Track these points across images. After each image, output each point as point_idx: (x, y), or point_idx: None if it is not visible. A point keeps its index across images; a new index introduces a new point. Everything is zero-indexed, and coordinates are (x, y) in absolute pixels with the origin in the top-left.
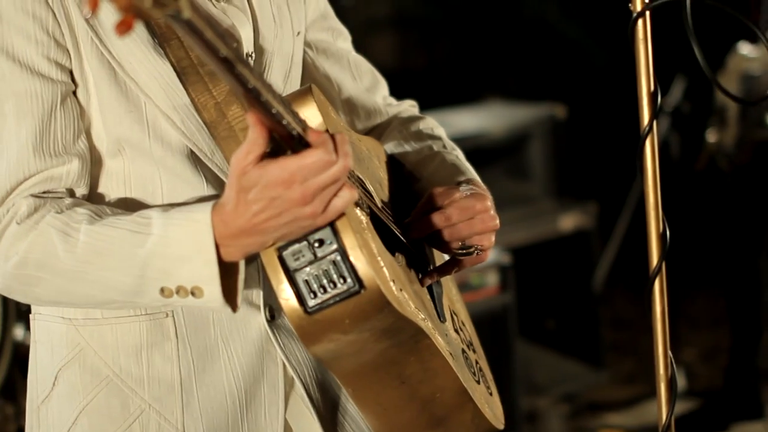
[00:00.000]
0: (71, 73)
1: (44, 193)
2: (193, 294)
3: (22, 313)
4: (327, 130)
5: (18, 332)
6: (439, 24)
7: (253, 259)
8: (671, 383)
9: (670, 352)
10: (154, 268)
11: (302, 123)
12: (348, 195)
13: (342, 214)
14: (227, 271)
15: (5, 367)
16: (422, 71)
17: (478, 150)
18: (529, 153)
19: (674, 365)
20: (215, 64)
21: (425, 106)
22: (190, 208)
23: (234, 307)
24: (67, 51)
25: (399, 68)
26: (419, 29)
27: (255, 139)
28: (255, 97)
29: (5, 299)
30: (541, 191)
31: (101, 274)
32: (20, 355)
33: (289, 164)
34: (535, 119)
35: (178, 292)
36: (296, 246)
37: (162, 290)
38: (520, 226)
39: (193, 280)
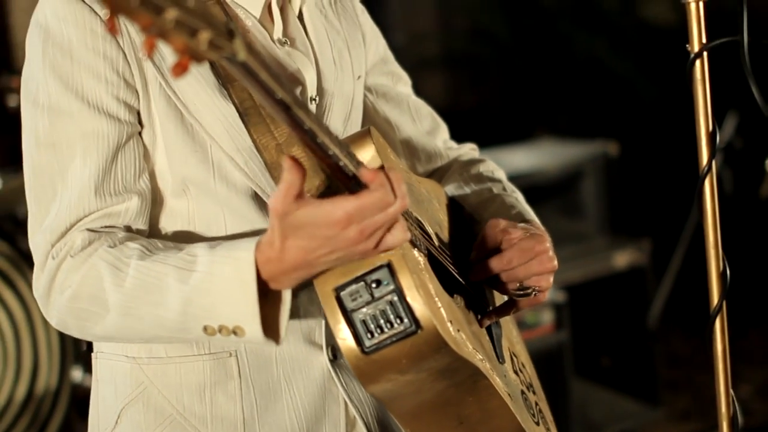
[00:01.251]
0: (138, 114)
1: (102, 228)
2: (234, 333)
3: (79, 354)
4: (382, 167)
5: (76, 374)
6: (490, 62)
7: (310, 297)
8: (733, 421)
9: (732, 391)
10: (197, 306)
11: (358, 163)
12: (401, 235)
13: (399, 255)
14: (273, 305)
15: (64, 409)
16: (473, 110)
17: (532, 188)
18: (582, 190)
19: (736, 403)
20: (271, 105)
21: (476, 145)
22: (236, 244)
23: (277, 340)
24: (136, 91)
25: (450, 107)
26: (469, 68)
27: (290, 180)
28: (311, 138)
29: (63, 341)
30: (594, 228)
31: (148, 310)
32: (78, 397)
33: (347, 205)
34: (587, 157)
35: (220, 331)
36: (354, 287)
37: (205, 329)
38: (575, 264)
39: (234, 319)
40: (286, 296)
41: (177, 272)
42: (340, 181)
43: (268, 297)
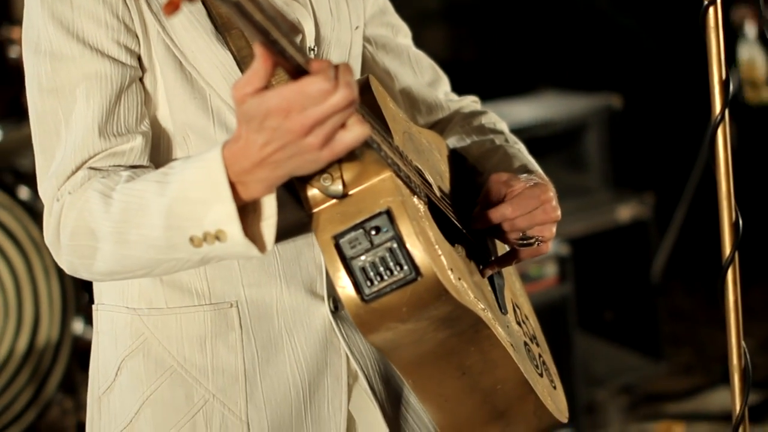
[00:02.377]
0: (139, 59)
1: (107, 167)
2: (218, 238)
3: (80, 307)
4: (335, 66)
5: (77, 326)
6: (491, 15)
7: (308, 238)
8: (745, 373)
9: (743, 343)
10: (177, 216)
11: (306, 55)
12: (359, 129)
13: (398, 202)
14: (258, 215)
15: (65, 361)
16: (474, 63)
17: (535, 141)
18: (585, 144)
19: (747, 355)
20: (267, 48)
21: (478, 98)
22: (207, 149)
23: (263, 248)
24: (136, 36)
25: (451, 60)
26: (471, 21)
27: (257, 69)
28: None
29: (64, 294)
30: (597, 182)
31: (136, 231)
32: (79, 349)
33: (285, 92)
34: (591, 110)
35: (205, 239)
36: (353, 234)
37: (191, 240)
38: (577, 217)
39: (215, 222)
40: (268, 209)
41: (155, 186)
42: (289, 74)
43: (254, 212)
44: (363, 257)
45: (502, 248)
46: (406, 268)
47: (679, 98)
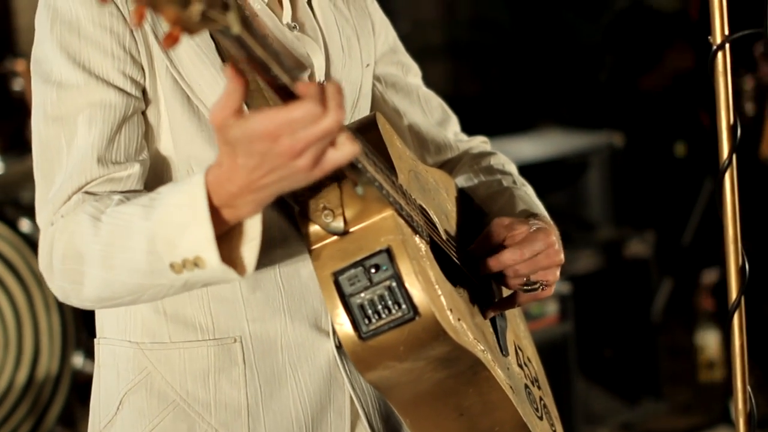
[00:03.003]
0: (144, 91)
1: (103, 192)
2: (196, 265)
3: (80, 340)
4: (322, 86)
5: (77, 360)
6: (493, 51)
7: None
8: (750, 418)
9: (749, 387)
10: (159, 241)
11: (292, 74)
12: (349, 148)
13: (399, 240)
14: (238, 237)
15: (64, 395)
16: (476, 99)
17: (536, 177)
18: (586, 181)
19: (752, 400)
20: (266, 83)
21: (479, 134)
22: (192, 174)
23: (242, 272)
24: (142, 68)
25: (453, 96)
26: (473, 57)
27: (231, 90)
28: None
29: (64, 327)
30: (599, 220)
31: (121, 256)
32: (78, 383)
33: (273, 116)
34: (593, 147)
35: (185, 266)
36: (352, 271)
37: (172, 266)
38: (578, 255)
39: (193, 248)
40: (252, 231)
41: (142, 210)
42: (275, 92)
43: (240, 235)
44: (362, 295)
45: (505, 290)
46: (404, 307)
47: (680, 136)
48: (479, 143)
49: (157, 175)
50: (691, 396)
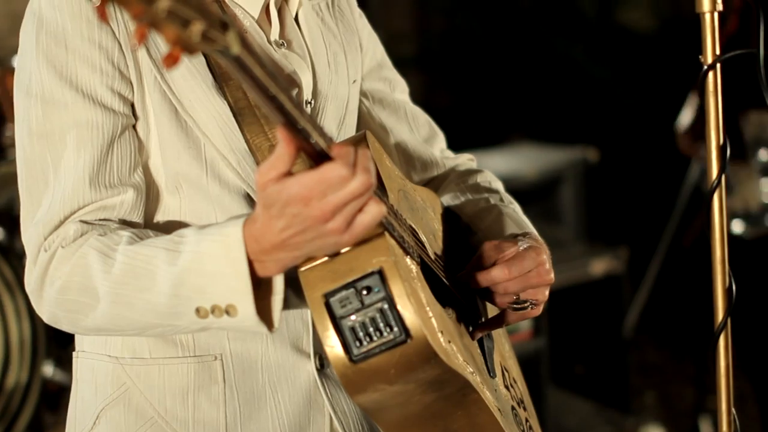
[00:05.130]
0: (133, 106)
1: (97, 221)
2: (227, 313)
3: (51, 349)
4: (354, 150)
5: (47, 369)
6: (465, 64)
7: (301, 298)
8: None
9: (733, 409)
10: (187, 286)
11: (329, 141)
12: (375, 210)
13: (391, 262)
14: (264, 291)
15: (33, 403)
16: (447, 111)
17: (509, 192)
18: (560, 197)
19: (737, 422)
20: (264, 102)
21: (450, 147)
22: (224, 223)
23: (270, 327)
24: (131, 83)
25: (424, 108)
26: (445, 69)
27: (281, 154)
28: (304, 138)
29: (34, 336)
30: (572, 235)
31: (138, 295)
32: (48, 392)
33: (305, 179)
34: (567, 162)
35: (213, 311)
36: (344, 293)
37: (197, 310)
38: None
39: (226, 297)
40: (278, 285)
41: (165, 254)
42: (311, 158)
43: (260, 286)
44: (353, 317)
45: (492, 310)
46: (396, 329)
47: (654, 152)
48: (466, 161)
49: (146, 191)
50: (660, 412)
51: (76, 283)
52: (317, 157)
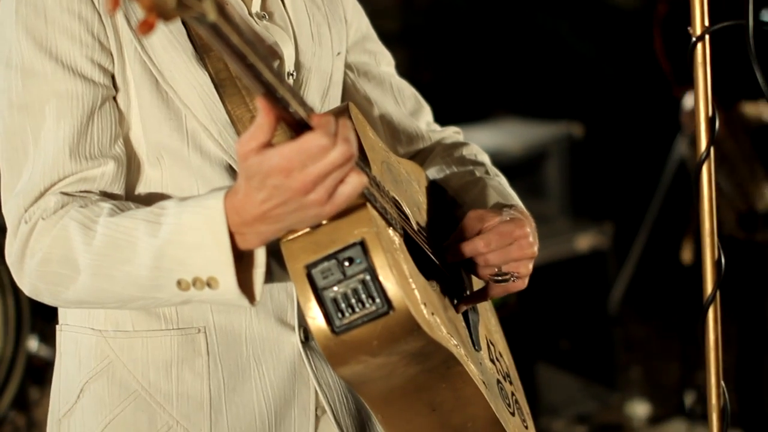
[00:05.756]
0: (113, 77)
1: (77, 192)
2: (209, 285)
3: (35, 324)
4: (335, 120)
5: (31, 344)
6: (449, 39)
7: (283, 270)
8: (723, 413)
9: (722, 383)
10: (168, 258)
11: (309, 110)
12: (356, 180)
13: (373, 233)
14: (246, 264)
15: (18, 379)
16: (431, 86)
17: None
18: (545, 172)
19: (726, 395)
20: (243, 71)
21: (435, 122)
22: (205, 195)
23: (252, 300)
24: (111, 54)
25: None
26: (428, 44)
27: (260, 124)
28: (284, 108)
29: (19, 311)
30: (557, 211)
31: (119, 267)
32: (32, 367)
33: (285, 150)
34: (552, 138)
35: (194, 284)
36: (325, 264)
37: (179, 283)
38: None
39: (208, 269)
40: (259, 258)
41: (146, 225)
42: (291, 128)
43: (242, 259)
44: (335, 288)
45: (478, 284)
46: (378, 301)
47: (639, 128)
48: (452, 134)
49: (128, 163)
50: (646, 388)
51: (56, 255)
52: (297, 126)
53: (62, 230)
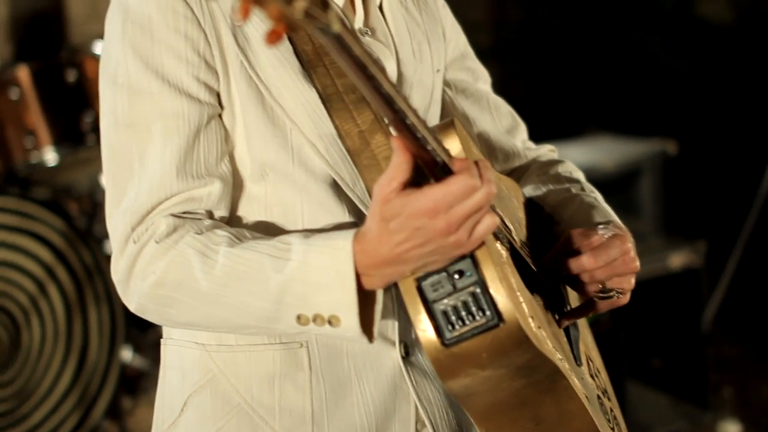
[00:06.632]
0: (218, 95)
1: (184, 213)
2: (329, 323)
3: (130, 335)
4: (476, 162)
5: (125, 353)
6: (542, 54)
7: (388, 291)
8: None
9: None
10: (292, 295)
11: (447, 150)
12: (490, 221)
13: (482, 244)
14: (365, 301)
15: (112, 388)
16: (524, 102)
17: None
18: (638, 189)
19: None
20: (363, 82)
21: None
22: (331, 235)
23: (371, 338)
24: (216, 73)
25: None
26: (522, 60)
27: (399, 164)
28: (401, 119)
29: (113, 321)
30: (650, 228)
31: (239, 298)
32: (126, 377)
33: (434, 193)
34: (645, 155)
35: (314, 320)
36: (436, 277)
37: (299, 317)
38: None
39: (331, 308)
40: (379, 296)
41: (270, 261)
42: (426, 166)
43: (365, 299)
44: (445, 301)
45: (574, 299)
46: (488, 313)
47: (733, 145)
48: (547, 152)
49: (232, 180)
50: (738, 408)
51: (171, 280)
52: (433, 165)
53: (179, 256)
